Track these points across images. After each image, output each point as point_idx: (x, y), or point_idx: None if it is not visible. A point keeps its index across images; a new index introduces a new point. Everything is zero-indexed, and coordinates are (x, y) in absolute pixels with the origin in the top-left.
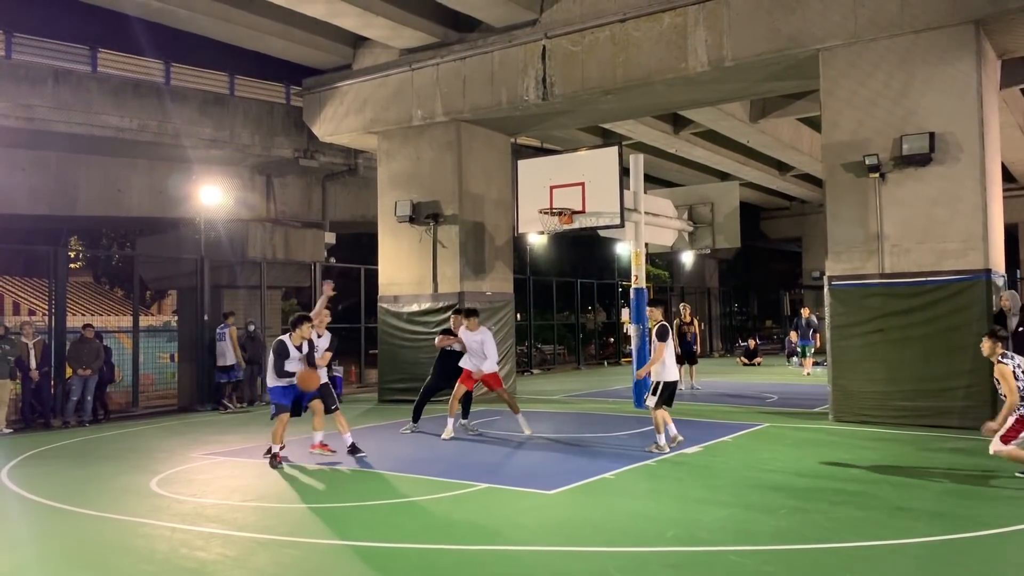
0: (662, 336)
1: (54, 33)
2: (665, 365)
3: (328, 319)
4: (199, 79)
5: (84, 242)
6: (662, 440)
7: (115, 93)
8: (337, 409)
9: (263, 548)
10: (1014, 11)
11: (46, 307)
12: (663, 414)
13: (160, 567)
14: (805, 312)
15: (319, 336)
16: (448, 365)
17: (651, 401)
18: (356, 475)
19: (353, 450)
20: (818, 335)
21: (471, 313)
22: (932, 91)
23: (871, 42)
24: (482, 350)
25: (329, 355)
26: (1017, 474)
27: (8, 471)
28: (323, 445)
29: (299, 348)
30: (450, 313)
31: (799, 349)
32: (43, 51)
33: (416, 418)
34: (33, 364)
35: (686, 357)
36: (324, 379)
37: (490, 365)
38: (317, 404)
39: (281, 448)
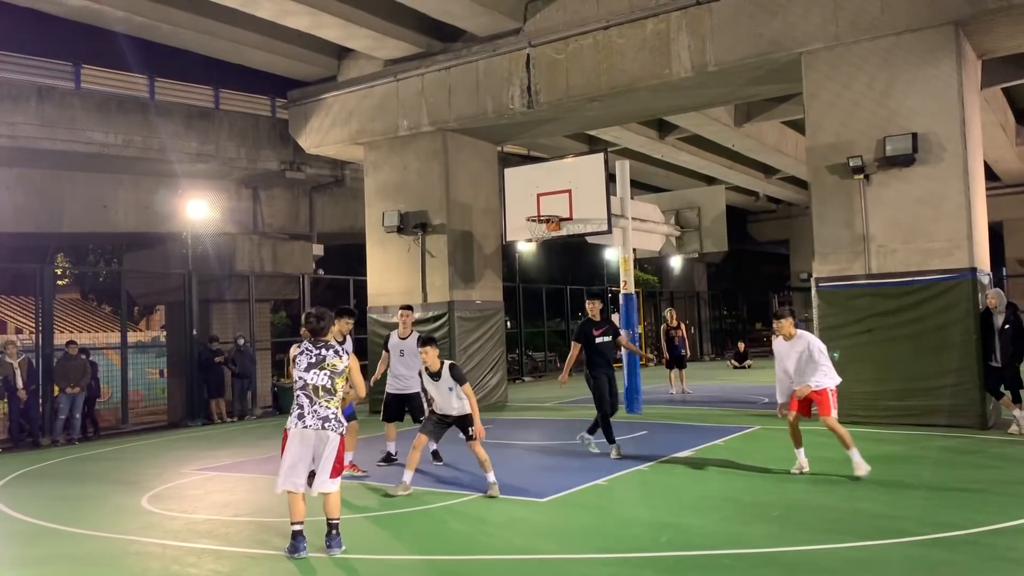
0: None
1: (37, 50)
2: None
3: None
4: (184, 93)
5: (70, 259)
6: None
7: (99, 109)
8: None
9: (256, 563)
10: (992, 11)
11: (33, 325)
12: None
13: None
14: None
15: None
16: None
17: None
18: (348, 488)
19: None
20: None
21: (784, 315)
22: (914, 92)
23: (852, 45)
24: (810, 359)
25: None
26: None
27: None
28: (352, 465)
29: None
30: (593, 302)
31: None
32: (26, 68)
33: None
34: (20, 383)
35: (674, 361)
36: (417, 388)
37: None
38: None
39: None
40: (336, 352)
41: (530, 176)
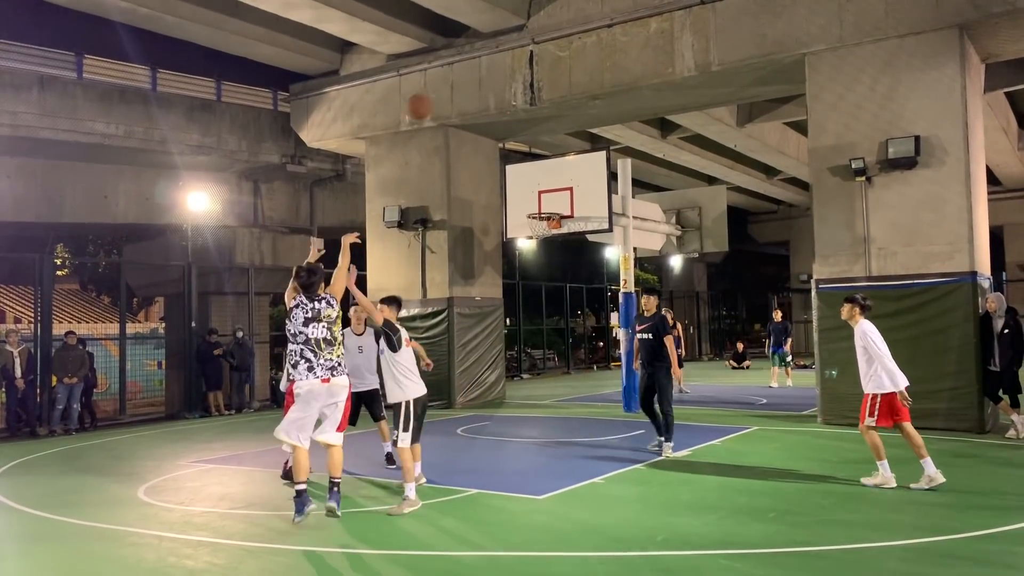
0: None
1: (39, 39)
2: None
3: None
4: (186, 85)
5: (70, 249)
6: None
7: (101, 99)
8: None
9: (252, 556)
10: (997, 15)
11: (32, 315)
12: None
13: None
14: (777, 316)
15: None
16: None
17: (405, 440)
18: (344, 482)
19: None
20: (790, 340)
21: (845, 300)
22: (917, 95)
23: (856, 46)
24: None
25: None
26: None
27: None
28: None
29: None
30: (647, 297)
31: (769, 357)
32: (28, 57)
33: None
34: (19, 372)
35: None
36: (375, 384)
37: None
38: None
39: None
40: (328, 303)
41: (532, 173)
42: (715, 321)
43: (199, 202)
